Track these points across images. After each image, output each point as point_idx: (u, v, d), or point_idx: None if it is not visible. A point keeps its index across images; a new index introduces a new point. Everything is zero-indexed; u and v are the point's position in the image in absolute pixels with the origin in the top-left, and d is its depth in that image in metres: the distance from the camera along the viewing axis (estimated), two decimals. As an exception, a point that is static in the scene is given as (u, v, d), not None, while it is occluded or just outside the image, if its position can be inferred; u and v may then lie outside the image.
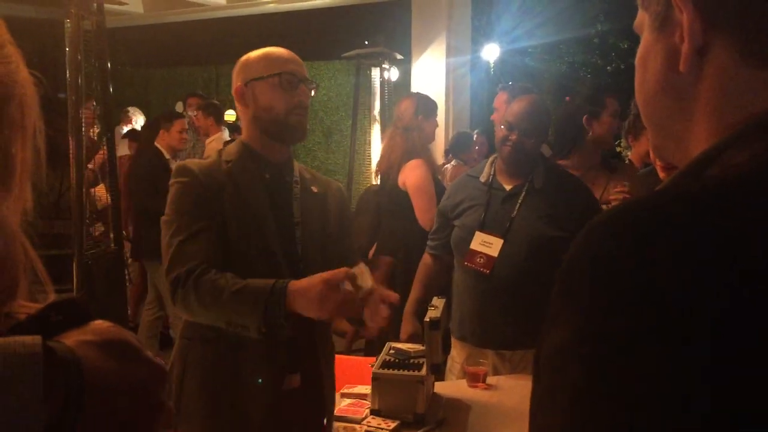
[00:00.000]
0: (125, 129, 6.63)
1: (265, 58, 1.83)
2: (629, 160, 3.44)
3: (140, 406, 0.52)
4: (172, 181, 1.78)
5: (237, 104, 1.86)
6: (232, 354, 1.71)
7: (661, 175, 1.97)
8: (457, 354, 2.62)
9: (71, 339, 0.50)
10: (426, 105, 3.79)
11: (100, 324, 0.53)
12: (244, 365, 1.71)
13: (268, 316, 1.56)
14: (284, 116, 1.78)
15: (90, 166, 3.81)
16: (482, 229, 2.50)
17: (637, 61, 0.63)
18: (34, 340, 0.47)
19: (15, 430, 0.45)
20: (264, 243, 1.74)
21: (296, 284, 1.59)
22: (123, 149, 5.85)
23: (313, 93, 1.86)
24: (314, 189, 1.90)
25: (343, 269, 1.58)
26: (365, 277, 1.64)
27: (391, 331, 2.79)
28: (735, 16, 0.54)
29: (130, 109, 6.84)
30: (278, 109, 1.78)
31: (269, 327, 1.58)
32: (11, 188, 0.61)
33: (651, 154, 1.98)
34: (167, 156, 4.66)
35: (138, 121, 6.83)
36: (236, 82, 1.84)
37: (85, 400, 0.48)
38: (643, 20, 0.62)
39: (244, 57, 1.87)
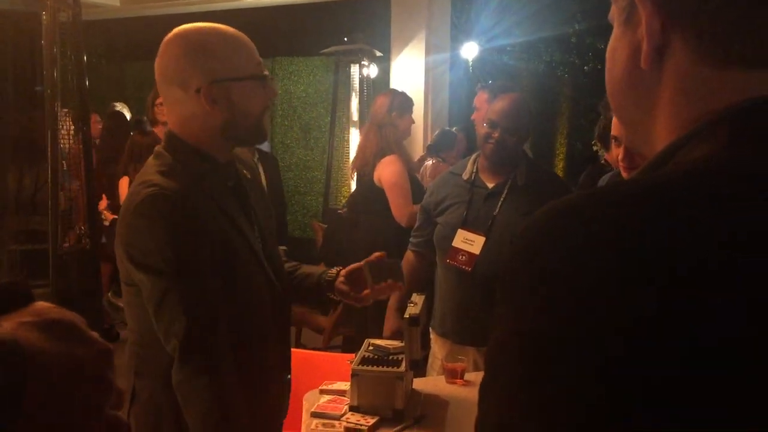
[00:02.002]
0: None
1: (237, 49, 1.50)
2: (605, 160, 3.47)
3: (85, 386, 0.51)
4: (146, 213, 1.40)
5: (194, 104, 1.47)
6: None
7: (625, 176, 1.99)
8: (438, 350, 2.63)
9: (11, 321, 0.49)
10: (401, 102, 3.80)
11: (41, 305, 0.52)
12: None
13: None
14: (258, 121, 1.55)
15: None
16: (464, 227, 2.52)
17: (607, 53, 0.64)
18: None
19: None
20: (255, 257, 1.58)
21: None
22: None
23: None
24: (246, 174, 1.70)
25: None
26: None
27: (372, 328, 2.80)
28: (692, 15, 0.54)
29: (117, 104, 6.74)
30: (255, 114, 1.54)
31: None
32: None
33: (619, 156, 2.00)
34: None
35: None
36: (194, 76, 1.46)
37: (27, 381, 0.47)
38: (614, 13, 0.63)
39: (198, 39, 1.48)
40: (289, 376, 1.77)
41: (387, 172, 3.58)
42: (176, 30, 1.50)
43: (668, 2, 0.55)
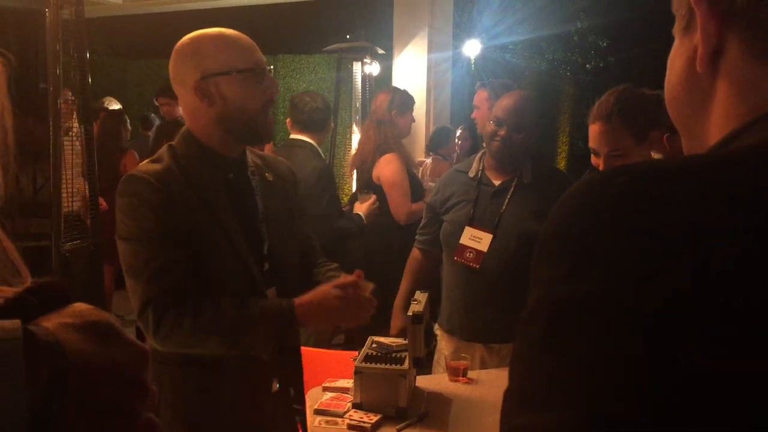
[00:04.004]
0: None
1: (226, 47, 1.59)
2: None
3: (123, 388, 0.51)
4: (125, 196, 1.56)
5: (191, 99, 1.60)
6: (209, 375, 1.64)
7: None
8: (445, 347, 2.63)
9: (51, 322, 0.49)
10: (401, 100, 3.79)
11: (79, 306, 0.52)
12: (222, 385, 1.65)
13: (281, 336, 1.57)
14: (257, 116, 1.62)
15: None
16: (471, 224, 2.52)
17: (667, 63, 0.66)
18: (13, 324, 0.46)
19: (1, 415, 0.44)
20: (233, 249, 1.62)
21: (304, 300, 1.59)
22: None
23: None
24: (269, 177, 1.77)
25: (347, 278, 1.62)
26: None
27: (377, 326, 2.80)
28: (746, 13, 0.56)
29: (105, 99, 6.74)
30: (252, 109, 1.60)
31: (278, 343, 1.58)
32: None
33: (600, 167, 2.03)
34: None
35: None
36: (187, 74, 1.59)
37: (69, 382, 0.47)
38: (677, 26, 0.65)
39: (191, 42, 1.61)
40: (278, 385, 1.73)
41: (387, 170, 3.58)
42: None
43: (723, 4, 0.57)
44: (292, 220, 1.80)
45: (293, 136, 3.41)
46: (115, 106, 6.66)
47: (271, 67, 1.67)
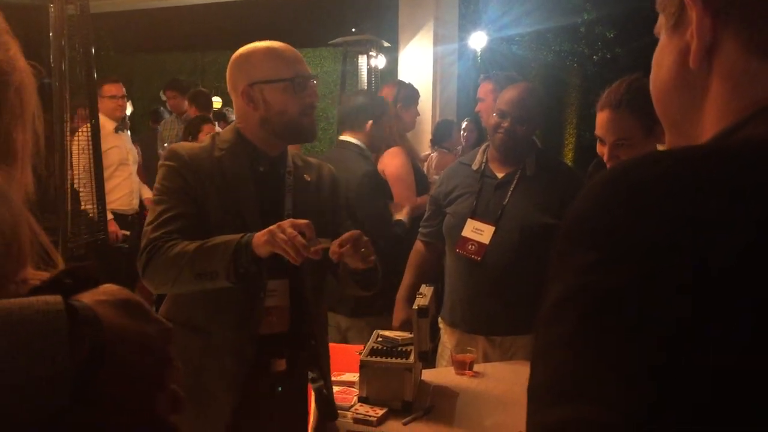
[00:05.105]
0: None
1: (273, 58, 1.79)
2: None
3: (153, 360, 0.55)
4: (161, 163, 1.78)
5: (240, 102, 1.80)
6: (201, 342, 1.72)
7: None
8: (448, 340, 2.63)
9: (86, 298, 0.53)
10: (406, 94, 3.77)
11: (110, 287, 0.56)
12: (212, 354, 1.72)
13: (237, 258, 1.60)
14: (297, 119, 1.78)
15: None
16: (474, 217, 2.51)
17: (652, 61, 0.66)
18: (55, 299, 0.50)
19: (44, 381, 0.47)
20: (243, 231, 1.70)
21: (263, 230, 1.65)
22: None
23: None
24: (307, 177, 1.89)
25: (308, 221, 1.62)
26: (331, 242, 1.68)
27: (381, 319, 2.80)
28: (741, 11, 0.56)
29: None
30: (291, 113, 1.77)
31: (238, 272, 1.61)
32: (14, 171, 0.64)
33: (605, 156, 2.00)
34: None
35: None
36: (239, 80, 1.80)
37: (105, 352, 0.51)
38: (661, 23, 0.65)
39: (244, 53, 1.82)
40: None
41: (392, 164, 3.57)
42: None
43: (718, 0, 0.57)
44: (321, 219, 1.84)
45: (340, 137, 3.36)
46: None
47: (315, 80, 1.85)
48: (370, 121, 3.14)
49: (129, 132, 5.29)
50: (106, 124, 4.82)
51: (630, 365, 0.45)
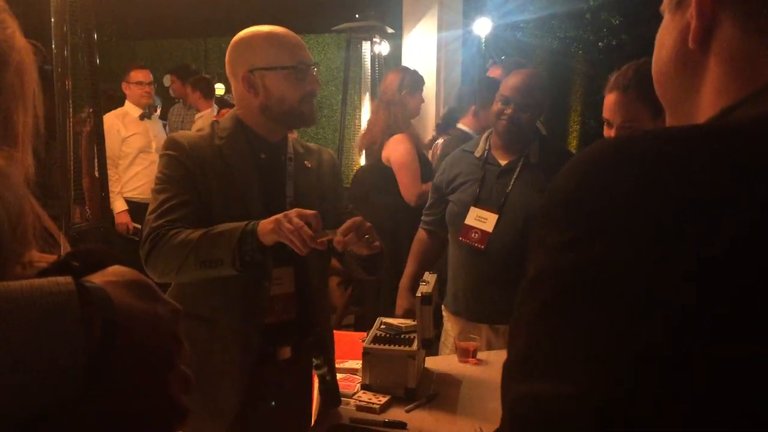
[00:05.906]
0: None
1: (274, 44, 1.76)
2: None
3: (163, 340, 0.55)
4: (162, 152, 1.77)
5: (240, 87, 1.79)
6: (206, 331, 1.72)
7: None
8: (451, 328, 2.63)
9: (96, 279, 0.53)
10: (411, 80, 3.75)
11: (119, 268, 0.56)
12: (218, 343, 1.72)
13: (243, 246, 1.59)
14: (297, 105, 1.78)
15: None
16: (477, 205, 2.50)
17: (656, 41, 0.67)
18: (66, 279, 0.50)
19: (58, 362, 0.47)
20: (247, 218, 1.70)
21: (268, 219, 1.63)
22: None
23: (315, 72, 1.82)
24: (308, 164, 1.88)
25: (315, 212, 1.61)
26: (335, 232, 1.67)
27: (385, 307, 2.80)
28: None
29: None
30: (291, 101, 1.77)
31: (243, 260, 1.60)
32: (15, 153, 0.64)
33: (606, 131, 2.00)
34: None
35: None
36: (239, 65, 1.78)
37: (117, 331, 0.51)
38: (665, 3, 0.65)
39: (245, 37, 1.79)
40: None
41: (396, 151, 3.55)
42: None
43: None
44: (323, 204, 1.84)
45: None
46: None
47: (316, 68, 1.83)
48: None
49: (160, 120, 5.27)
50: (131, 110, 4.81)
51: (612, 346, 0.44)
